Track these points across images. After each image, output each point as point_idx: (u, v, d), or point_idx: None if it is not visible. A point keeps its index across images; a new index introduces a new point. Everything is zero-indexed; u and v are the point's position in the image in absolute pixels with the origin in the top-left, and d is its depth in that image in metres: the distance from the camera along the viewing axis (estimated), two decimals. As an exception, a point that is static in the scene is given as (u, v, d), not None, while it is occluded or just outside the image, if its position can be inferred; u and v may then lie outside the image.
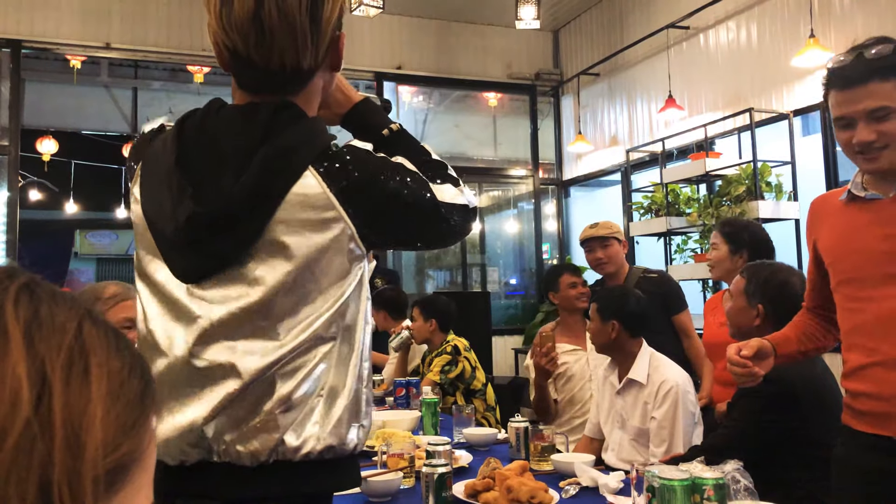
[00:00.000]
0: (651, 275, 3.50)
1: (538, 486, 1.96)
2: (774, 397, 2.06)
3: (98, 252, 16.27)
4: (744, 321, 2.28)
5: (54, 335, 0.33)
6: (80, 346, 0.34)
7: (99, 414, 0.32)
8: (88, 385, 0.33)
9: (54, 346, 0.33)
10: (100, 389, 0.33)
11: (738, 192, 4.80)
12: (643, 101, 6.52)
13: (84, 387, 0.32)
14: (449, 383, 3.64)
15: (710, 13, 5.64)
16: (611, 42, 6.90)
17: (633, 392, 2.65)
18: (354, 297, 1.14)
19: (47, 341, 0.32)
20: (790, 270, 2.34)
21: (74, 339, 0.34)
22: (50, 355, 0.32)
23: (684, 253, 5.39)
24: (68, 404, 0.31)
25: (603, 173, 7.17)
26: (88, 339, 0.34)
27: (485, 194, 8.38)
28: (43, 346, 0.32)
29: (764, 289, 2.25)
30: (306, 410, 1.08)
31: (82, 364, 0.33)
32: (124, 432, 0.34)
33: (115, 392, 0.34)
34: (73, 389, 0.32)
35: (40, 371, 0.31)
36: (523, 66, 7.67)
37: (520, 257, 8.23)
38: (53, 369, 0.32)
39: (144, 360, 0.39)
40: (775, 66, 5.10)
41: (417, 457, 2.27)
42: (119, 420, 0.33)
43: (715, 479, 1.54)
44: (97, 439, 0.32)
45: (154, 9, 6.44)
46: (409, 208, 1.14)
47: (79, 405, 0.32)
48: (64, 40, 6.25)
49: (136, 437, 0.34)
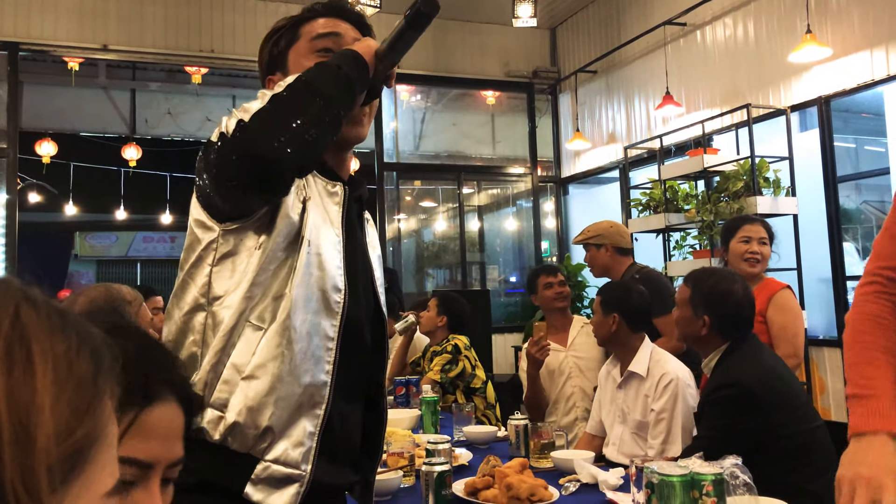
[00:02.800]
0: (636, 276, 3.45)
1: (538, 484, 1.97)
2: (734, 399, 2.12)
3: (98, 254, 16.27)
4: (690, 330, 2.35)
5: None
6: (18, 334, 0.31)
7: (47, 402, 0.30)
8: (32, 374, 0.31)
9: None
10: (45, 377, 0.31)
11: (737, 187, 4.81)
12: (641, 98, 6.52)
13: (28, 376, 0.30)
14: (449, 382, 3.65)
15: (706, 9, 5.64)
16: (608, 39, 6.90)
17: (633, 385, 2.67)
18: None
19: None
20: (732, 278, 2.38)
21: (11, 327, 0.31)
22: None
23: (683, 249, 5.40)
24: (12, 397, 0.29)
25: (601, 170, 7.18)
26: (28, 323, 0.32)
27: (483, 192, 8.38)
28: None
29: (708, 299, 2.30)
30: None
31: (23, 352, 0.31)
32: (77, 417, 0.32)
33: (63, 377, 0.32)
34: (17, 380, 0.30)
35: None
36: (521, 64, 7.67)
37: (519, 255, 8.24)
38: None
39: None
40: (772, 62, 5.11)
41: (417, 455, 2.28)
42: (71, 405, 0.32)
43: (714, 474, 1.55)
44: (48, 429, 0.30)
45: (151, 10, 6.44)
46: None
47: (24, 396, 0.30)
48: (61, 42, 6.25)
49: (91, 419, 0.33)
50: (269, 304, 1.15)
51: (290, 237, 1.17)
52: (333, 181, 1.28)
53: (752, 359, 2.24)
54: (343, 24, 1.35)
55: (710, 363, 2.32)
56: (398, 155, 7.50)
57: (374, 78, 1.23)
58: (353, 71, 1.16)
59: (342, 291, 1.21)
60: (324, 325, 1.19)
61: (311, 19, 1.34)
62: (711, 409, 2.19)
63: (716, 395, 2.18)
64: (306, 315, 1.16)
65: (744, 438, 2.07)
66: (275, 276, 1.16)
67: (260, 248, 1.15)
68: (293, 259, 1.16)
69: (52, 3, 6.19)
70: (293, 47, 1.33)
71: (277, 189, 1.13)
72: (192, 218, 1.20)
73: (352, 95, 1.16)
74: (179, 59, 6.74)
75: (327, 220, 1.23)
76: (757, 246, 3.07)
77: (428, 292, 7.04)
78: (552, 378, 3.36)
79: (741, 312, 2.30)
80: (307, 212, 1.19)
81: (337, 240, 1.23)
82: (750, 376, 2.13)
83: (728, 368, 2.23)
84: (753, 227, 3.13)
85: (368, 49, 1.22)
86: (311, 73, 1.14)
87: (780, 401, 2.12)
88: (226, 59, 6.69)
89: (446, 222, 8.45)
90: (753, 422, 2.09)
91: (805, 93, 4.88)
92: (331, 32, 1.32)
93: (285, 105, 1.08)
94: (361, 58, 1.20)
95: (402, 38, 1.22)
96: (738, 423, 2.10)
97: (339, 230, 1.24)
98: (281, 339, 1.14)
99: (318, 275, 1.18)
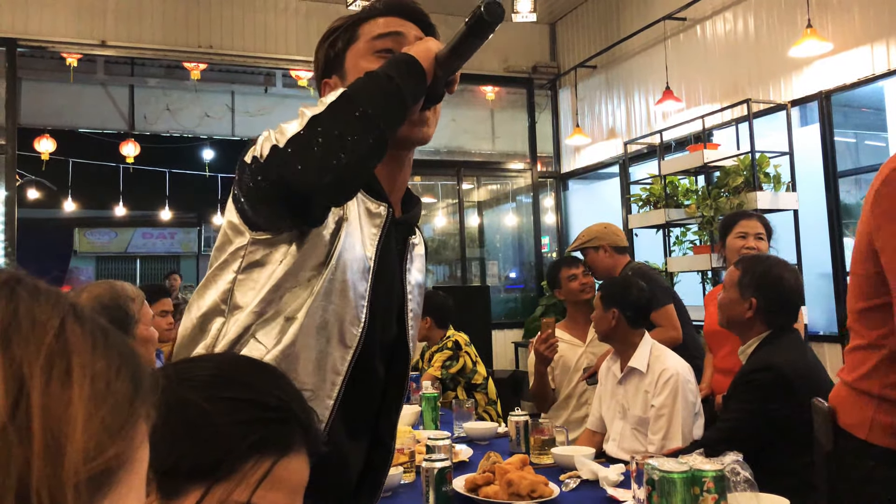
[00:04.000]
0: (628, 273, 3.42)
1: (538, 480, 1.97)
2: (770, 386, 2.09)
3: (97, 250, 16.28)
4: (735, 313, 2.31)
5: (33, 335, 0.32)
6: (61, 347, 0.32)
7: (81, 418, 0.31)
8: (69, 388, 0.31)
9: (33, 347, 0.31)
10: (82, 392, 0.32)
11: (737, 183, 4.80)
12: (641, 93, 6.51)
13: (65, 389, 0.31)
14: (450, 378, 3.64)
15: (706, 4, 5.63)
16: (608, 34, 6.88)
17: (633, 381, 2.67)
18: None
19: (25, 342, 0.31)
20: (785, 266, 2.36)
21: (55, 339, 0.32)
22: (28, 357, 0.31)
23: (683, 245, 5.39)
24: (47, 408, 0.30)
25: (601, 166, 7.17)
26: (72, 338, 0.33)
27: (483, 188, 8.37)
28: (20, 348, 0.31)
29: (758, 282, 2.27)
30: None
31: (63, 365, 0.32)
32: (110, 436, 0.32)
33: (100, 394, 0.32)
34: (53, 393, 0.31)
35: (17, 375, 0.30)
36: (520, 59, 7.65)
37: (519, 251, 8.24)
38: (32, 372, 0.30)
39: (138, 359, 0.37)
40: (773, 57, 5.10)
41: (418, 452, 2.27)
42: (104, 423, 0.32)
43: (714, 471, 1.54)
44: (79, 445, 0.31)
45: (149, 6, 6.42)
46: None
47: (58, 409, 0.31)
48: (59, 38, 6.23)
49: (123, 440, 0.33)
50: (279, 324, 1.07)
51: (319, 258, 1.08)
52: (378, 200, 1.17)
53: (791, 348, 2.22)
54: (406, 23, 1.25)
55: (748, 350, 2.29)
56: (398, 151, 7.47)
57: (433, 84, 1.11)
58: (406, 80, 1.05)
59: (361, 324, 1.12)
60: (333, 357, 1.10)
61: (370, 18, 1.25)
62: (742, 392, 2.16)
63: (749, 377, 2.15)
64: (316, 344, 1.08)
65: (769, 425, 2.05)
66: (293, 295, 1.08)
67: (282, 264, 1.07)
68: (315, 282, 1.07)
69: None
70: (351, 48, 1.25)
71: (310, 220, 1.05)
72: (227, 219, 1.12)
73: (402, 109, 1.05)
74: (178, 55, 6.73)
75: (361, 242, 1.13)
76: (753, 241, 3.07)
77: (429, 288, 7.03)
78: (567, 373, 3.34)
79: (789, 300, 2.28)
80: (341, 232, 1.09)
81: (367, 266, 1.13)
82: (786, 363, 2.10)
83: (765, 353, 2.20)
84: (750, 223, 3.12)
85: (427, 53, 1.10)
86: (356, 87, 1.02)
87: (812, 393, 2.09)
88: (225, 54, 6.67)
89: (446, 218, 8.44)
90: (783, 408, 2.06)
91: (805, 88, 4.87)
92: (392, 32, 1.23)
93: (325, 129, 0.96)
94: (418, 63, 1.08)
95: (464, 45, 1.11)
96: (767, 409, 2.08)
97: (373, 256, 1.14)
98: (279, 364, 1.03)
99: (338, 304, 1.09)
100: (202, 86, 8.21)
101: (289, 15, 6.83)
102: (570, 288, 3.46)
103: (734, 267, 2.38)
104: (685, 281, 5.55)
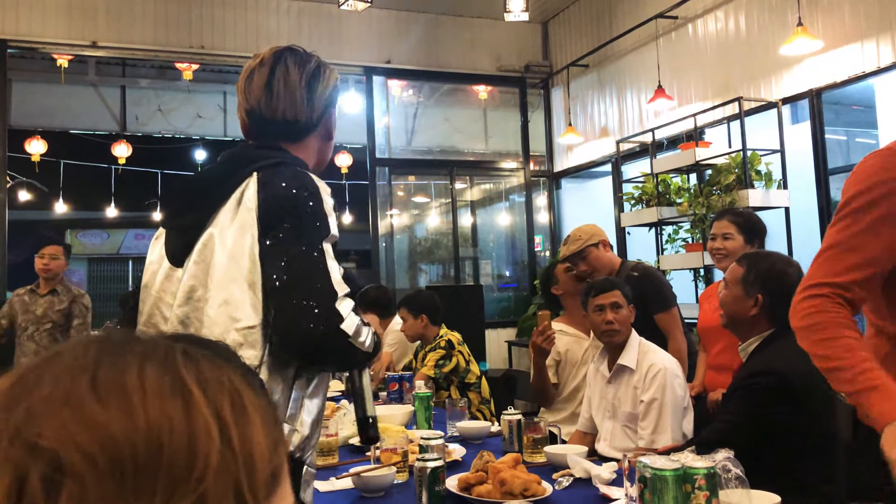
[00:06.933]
0: (633, 273, 3.35)
1: (531, 479, 1.97)
2: (770, 389, 2.06)
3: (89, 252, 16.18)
4: (740, 310, 2.26)
5: (218, 386, 0.45)
6: (235, 391, 0.46)
7: (261, 440, 0.45)
8: (249, 419, 0.45)
9: (220, 394, 0.45)
10: (257, 421, 0.45)
11: (728, 180, 4.81)
12: (633, 91, 6.52)
13: (247, 421, 0.45)
14: (443, 377, 3.64)
15: (698, 3, 5.64)
16: (600, 33, 6.89)
17: (623, 379, 2.67)
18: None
19: (215, 392, 0.45)
20: (788, 261, 2.34)
21: (231, 386, 0.46)
22: (220, 402, 0.44)
23: (675, 243, 5.41)
24: (242, 435, 0.44)
25: (593, 164, 7.18)
26: (238, 385, 0.47)
27: (476, 187, 8.38)
28: (214, 396, 0.44)
29: (764, 279, 2.23)
30: None
31: (240, 404, 0.45)
32: (275, 450, 0.46)
33: (267, 421, 0.46)
34: (241, 423, 0.44)
35: (218, 414, 0.43)
36: (512, 58, 7.66)
37: (512, 250, 8.24)
38: (224, 411, 0.44)
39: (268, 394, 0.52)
40: (764, 55, 5.11)
41: (411, 451, 2.27)
42: (269, 441, 0.46)
43: (706, 468, 1.54)
44: (262, 456, 0.44)
45: (140, 6, 6.39)
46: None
47: (247, 434, 0.44)
48: (50, 39, 6.20)
49: (279, 452, 0.47)
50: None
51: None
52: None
53: (796, 349, 2.20)
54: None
55: (749, 348, 2.25)
56: (390, 150, 7.48)
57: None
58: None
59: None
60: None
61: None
62: (743, 394, 2.13)
63: (751, 380, 2.12)
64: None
65: (768, 427, 2.04)
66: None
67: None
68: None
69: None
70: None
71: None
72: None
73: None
74: (170, 56, 6.71)
75: None
76: (720, 242, 3.07)
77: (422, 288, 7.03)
78: (573, 367, 3.32)
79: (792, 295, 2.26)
80: None
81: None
82: (789, 367, 2.07)
83: (768, 355, 2.17)
84: (719, 223, 3.14)
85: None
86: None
87: (811, 397, 2.06)
88: (216, 55, 6.66)
89: (439, 217, 8.44)
90: (783, 413, 2.04)
91: (796, 85, 4.88)
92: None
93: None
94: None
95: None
96: (767, 412, 2.06)
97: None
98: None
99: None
100: (194, 86, 8.20)
101: (280, 15, 6.82)
102: (568, 279, 3.43)
103: (737, 264, 2.33)
104: (677, 279, 5.55)
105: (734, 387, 2.21)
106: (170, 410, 0.42)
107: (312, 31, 6.81)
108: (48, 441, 0.39)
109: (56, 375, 0.43)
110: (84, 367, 0.43)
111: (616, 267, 3.43)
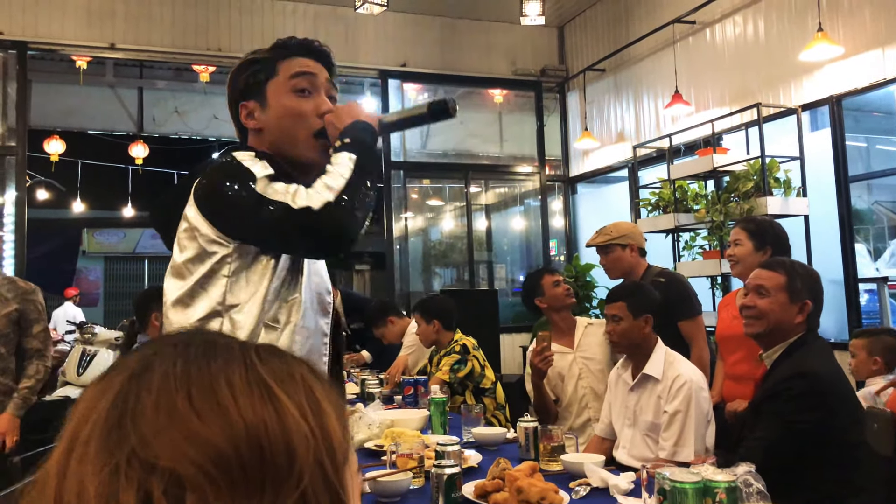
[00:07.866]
0: (660, 279, 3.32)
1: (548, 487, 1.95)
2: (805, 395, 2.01)
3: (106, 250, 16.31)
4: (786, 317, 2.19)
5: (293, 382, 0.51)
6: (307, 386, 0.51)
7: (336, 427, 0.50)
8: (323, 409, 0.50)
9: (297, 389, 0.50)
10: (329, 410, 0.51)
11: (747, 188, 4.77)
12: (649, 96, 6.49)
13: (322, 412, 0.50)
14: (458, 382, 3.63)
15: (716, 7, 5.61)
16: (616, 37, 6.87)
17: (647, 388, 2.64)
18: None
19: (291, 387, 0.50)
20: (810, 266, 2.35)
21: (303, 382, 0.51)
22: (298, 397, 0.49)
23: (692, 250, 5.37)
24: (322, 426, 0.49)
25: (610, 170, 7.15)
26: (308, 379, 0.52)
27: (491, 191, 8.36)
28: (291, 391, 0.50)
29: (809, 284, 2.20)
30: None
31: (314, 397, 0.50)
32: (344, 431, 0.51)
33: (338, 411, 0.52)
34: (318, 415, 0.49)
35: (301, 410, 0.49)
36: (528, 62, 7.64)
37: (527, 254, 8.22)
38: (304, 403, 0.49)
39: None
40: (783, 61, 5.07)
41: (427, 457, 2.26)
42: (341, 426, 0.51)
43: (727, 482, 1.52)
44: (338, 440, 0.50)
45: (158, 9, 6.44)
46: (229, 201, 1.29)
47: (326, 425, 0.49)
48: (69, 41, 6.27)
49: (347, 432, 0.52)
50: (282, 306, 1.30)
51: None
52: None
53: (824, 354, 2.15)
54: (317, 65, 1.46)
55: (774, 355, 2.20)
56: (405, 153, 7.48)
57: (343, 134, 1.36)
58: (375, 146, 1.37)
59: (331, 293, 1.44)
60: (321, 324, 1.38)
61: (287, 57, 1.45)
62: (776, 401, 2.06)
63: (784, 385, 2.06)
64: (312, 315, 1.34)
65: (805, 436, 1.98)
66: (286, 281, 1.31)
67: (274, 258, 1.30)
68: (299, 265, 1.34)
69: (60, 2, 6.20)
70: (271, 82, 1.44)
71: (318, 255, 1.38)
72: (199, 231, 1.29)
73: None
74: (187, 58, 6.75)
75: None
76: (732, 248, 3.07)
77: (436, 292, 7.03)
78: (562, 381, 3.30)
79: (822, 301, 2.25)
80: None
81: None
82: (823, 370, 2.04)
83: (798, 359, 2.12)
84: (732, 230, 3.14)
85: (373, 119, 1.40)
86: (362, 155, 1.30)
87: (844, 403, 2.02)
88: (233, 57, 6.67)
89: (453, 221, 8.43)
90: (820, 419, 1.99)
91: (816, 92, 4.84)
92: (307, 72, 1.44)
93: (362, 191, 1.27)
94: (376, 132, 1.39)
95: (415, 122, 1.42)
96: (804, 419, 2.00)
97: None
98: (296, 336, 1.29)
99: (317, 280, 1.37)
100: (211, 88, 8.22)
101: (297, 18, 6.84)
102: (555, 293, 3.36)
103: (772, 271, 2.26)
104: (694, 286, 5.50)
105: (766, 396, 2.13)
106: (262, 413, 0.47)
107: (328, 34, 6.83)
108: (165, 461, 0.44)
109: (154, 396, 0.47)
110: (178, 384, 0.48)
111: (639, 273, 3.40)
